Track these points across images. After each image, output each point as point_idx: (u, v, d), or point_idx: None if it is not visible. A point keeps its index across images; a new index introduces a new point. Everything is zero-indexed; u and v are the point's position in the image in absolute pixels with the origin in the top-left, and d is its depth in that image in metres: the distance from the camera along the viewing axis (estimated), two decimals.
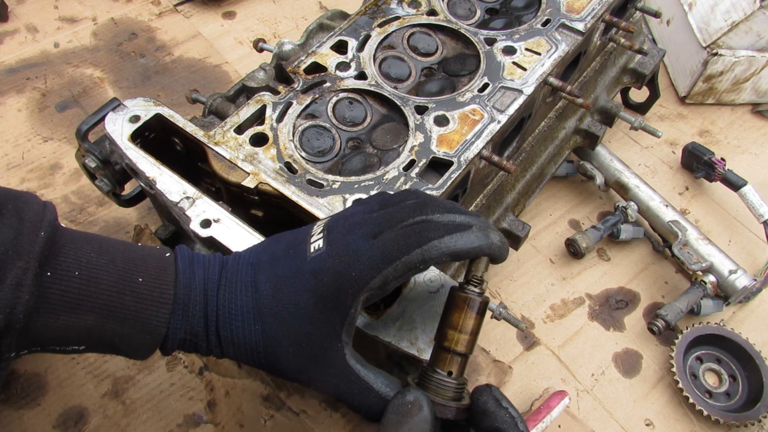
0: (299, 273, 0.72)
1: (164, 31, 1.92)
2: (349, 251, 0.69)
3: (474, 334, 0.70)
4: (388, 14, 1.21)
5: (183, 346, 0.76)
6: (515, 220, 1.30)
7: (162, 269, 0.74)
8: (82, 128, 1.00)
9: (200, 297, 0.75)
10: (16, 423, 1.19)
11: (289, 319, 0.71)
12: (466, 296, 0.70)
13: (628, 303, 1.46)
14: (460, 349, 0.70)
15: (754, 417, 1.25)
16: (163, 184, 0.91)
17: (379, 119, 1.09)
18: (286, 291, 0.72)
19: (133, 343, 0.72)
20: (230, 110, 1.12)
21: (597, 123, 1.46)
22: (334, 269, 0.69)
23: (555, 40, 1.17)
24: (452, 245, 0.67)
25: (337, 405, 1.26)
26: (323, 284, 0.69)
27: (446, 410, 0.69)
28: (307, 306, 0.70)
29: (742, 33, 1.76)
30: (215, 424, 1.22)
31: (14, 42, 1.85)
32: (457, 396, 0.70)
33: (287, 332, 0.71)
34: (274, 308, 0.72)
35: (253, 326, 0.72)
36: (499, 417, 0.67)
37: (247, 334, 0.73)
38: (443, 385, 0.69)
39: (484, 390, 0.70)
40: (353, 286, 0.68)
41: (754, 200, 1.50)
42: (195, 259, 0.77)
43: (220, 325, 0.74)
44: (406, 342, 0.81)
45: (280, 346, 0.71)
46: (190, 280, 0.75)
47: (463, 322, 0.69)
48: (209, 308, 0.74)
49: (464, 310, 0.69)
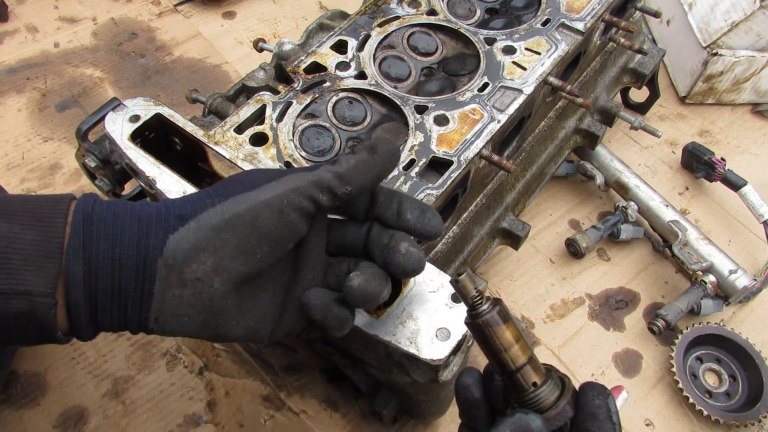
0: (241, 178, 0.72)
1: (164, 31, 1.92)
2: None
3: (518, 338, 0.66)
4: (388, 14, 1.21)
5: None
6: (515, 220, 1.30)
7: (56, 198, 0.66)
8: (82, 128, 1.00)
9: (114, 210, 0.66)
10: (16, 423, 1.19)
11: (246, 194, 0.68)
12: (485, 319, 0.66)
13: (628, 303, 1.46)
14: (521, 361, 0.65)
15: (754, 417, 1.25)
16: (163, 184, 0.91)
17: (379, 119, 1.09)
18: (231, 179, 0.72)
19: (23, 248, 0.60)
20: (230, 110, 1.12)
21: (597, 123, 1.46)
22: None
23: (555, 39, 1.17)
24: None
25: (337, 405, 1.26)
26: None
27: (564, 414, 0.65)
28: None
29: (742, 33, 1.76)
30: (215, 424, 1.22)
31: (14, 42, 1.85)
32: (558, 393, 0.66)
33: (247, 208, 0.66)
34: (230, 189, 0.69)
35: (209, 205, 0.66)
36: (604, 428, 0.63)
37: (204, 213, 0.65)
38: (542, 398, 0.65)
39: (602, 392, 0.65)
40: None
41: (754, 200, 1.50)
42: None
43: (163, 223, 0.64)
44: (405, 341, 0.81)
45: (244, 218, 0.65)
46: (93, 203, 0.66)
47: (503, 341, 0.65)
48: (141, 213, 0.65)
49: (493, 332, 0.65)
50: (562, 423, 0.65)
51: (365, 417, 1.25)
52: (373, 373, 1.12)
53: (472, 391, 0.69)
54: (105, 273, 0.62)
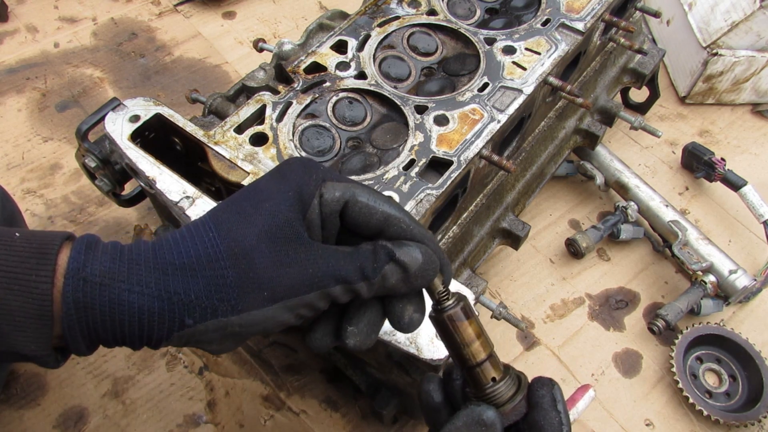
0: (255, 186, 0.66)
1: (164, 31, 1.92)
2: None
3: (480, 335, 0.68)
4: (388, 14, 1.21)
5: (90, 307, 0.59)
6: (515, 220, 1.30)
7: (50, 234, 0.62)
8: (82, 128, 1.00)
9: (111, 244, 0.62)
10: (16, 423, 1.19)
11: (250, 208, 0.63)
12: (448, 314, 0.67)
13: (628, 303, 1.46)
14: (481, 357, 0.67)
15: (754, 417, 1.25)
16: (163, 184, 0.91)
17: (378, 119, 1.09)
18: (240, 195, 0.66)
19: (11, 315, 0.58)
20: (230, 110, 1.12)
21: (597, 123, 1.46)
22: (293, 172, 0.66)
23: (555, 39, 1.17)
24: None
25: (337, 405, 1.26)
26: (285, 178, 0.65)
27: (519, 408, 0.67)
28: (269, 192, 0.64)
29: (742, 33, 1.76)
30: (215, 424, 1.22)
31: (14, 42, 1.85)
32: (515, 389, 0.68)
33: (251, 223, 0.62)
34: (231, 206, 0.64)
35: (202, 229, 0.62)
36: (548, 416, 0.65)
37: (199, 242, 0.61)
38: (499, 393, 0.67)
39: (546, 384, 0.68)
40: (316, 176, 0.65)
41: (754, 200, 1.50)
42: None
43: (156, 248, 0.61)
44: (405, 341, 0.81)
45: (246, 239, 0.61)
46: (91, 238, 0.63)
47: (465, 336, 0.67)
48: (134, 245, 0.62)
49: (456, 327, 0.67)
50: (517, 417, 0.67)
51: (365, 417, 1.25)
52: (373, 373, 1.12)
53: (433, 396, 0.71)
54: (107, 342, 0.62)
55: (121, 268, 0.60)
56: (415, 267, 0.64)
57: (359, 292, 0.63)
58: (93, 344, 0.61)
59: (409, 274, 0.64)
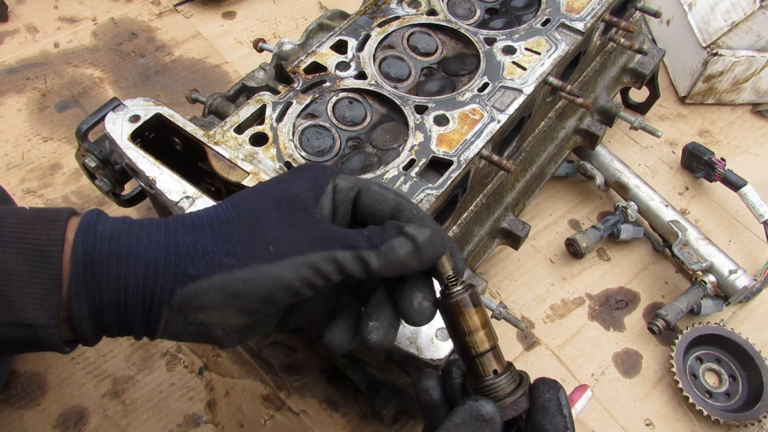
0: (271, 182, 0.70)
1: (164, 31, 1.92)
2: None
3: (485, 325, 0.67)
4: (388, 14, 1.21)
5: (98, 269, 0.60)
6: (515, 220, 1.30)
7: (59, 208, 0.64)
8: (82, 128, 1.00)
9: (122, 217, 0.65)
10: (16, 423, 1.19)
11: (265, 187, 0.68)
12: (455, 300, 0.67)
13: (628, 303, 1.46)
14: (485, 347, 0.67)
15: (754, 417, 1.25)
16: (163, 184, 0.91)
17: (378, 119, 1.09)
18: (262, 183, 0.70)
19: (21, 281, 0.58)
20: (230, 110, 1.12)
21: (597, 123, 1.46)
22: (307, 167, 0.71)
23: (555, 39, 1.17)
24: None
25: (337, 405, 1.26)
26: (299, 170, 0.71)
27: (519, 404, 0.66)
28: (284, 177, 0.69)
29: (742, 33, 1.76)
30: (215, 424, 1.22)
31: (14, 42, 1.85)
32: (515, 385, 0.67)
33: (264, 195, 0.66)
34: (248, 189, 0.68)
35: (220, 207, 0.65)
36: (553, 420, 0.65)
37: (213, 211, 0.64)
38: (499, 386, 0.66)
39: (552, 386, 0.67)
40: (330, 171, 0.70)
41: (754, 200, 1.50)
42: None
43: (169, 219, 0.64)
44: (405, 341, 0.81)
45: (257, 204, 0.65)
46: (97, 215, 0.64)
47: (470, 324, 0.67)
48: (146, 219, 0.64)
49: (462, 313, 0.66)
50: (516, 413, 0.66)
51: (365, 417, 1.25)
52: (373, 373, 1.12)
53: (432, 393, 0.70)
54: (110, 311, 0.61)
55: (132, 227, 0.62)
56: (423, 238, 0.64)
57: (368, 262, 0.63)
58: (95, 318, 0.61)
59: (419, 246, 0.64)
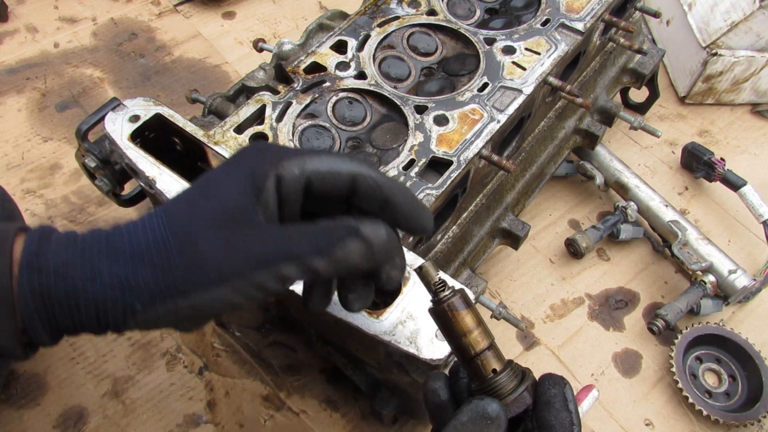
0: (208, 176, 0.66)
1: (164, 31, 1.92)
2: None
3: (479, 324, 0.68)
4: (388, 14, 1.21)
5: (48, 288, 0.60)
6: (515, 220, 1.30)
7: (3, 226, 0.63)
8: (82, 128, 1.00)
9: (66, 233, 0.63)
10: (16, 423, 1.19)
11: (200, 197, 0.63)
12: (446, 304, 0.67)
13: (627, 303, 1.46)
14: (481, 347, 0.67)
15: (753, 417, 1.25)
16: (163, 184, 0.91)
17: (378, 119, 1.09)
18: (193, 185, 0.66)
19: None
20: (230, 110, 1.12)
21: (597, 123, 1.46)
22: (249, 153, 0.66)
23: (554, 39, 1.17)
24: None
25: (337, 405, 1.26)
26: (237, 164, 0.65)
27: (522, 400, 0.66)
28: (220, 180, 0.64)
29: (741, 33, 1.76)
30: (215, 424, 1.22)
31: (14, 42, 1.85)
32: (517, 382, 0.67)
33: (199, 211, 0.62)
34: (182, 196, 0.64)
35: (154, 220, 0.63)
36: (559, 416, 0.65)
37: (150, 231, 0.62)
38: (501, 384, 0.66)
39: (558, 382, 0.67)
40: (270, 158, 0.64)
41: (753, 200, 1.50)
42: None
43: (109, 237, 0.62)
44: (405, 341, 0.81)
45: (193, 226, 0.61)
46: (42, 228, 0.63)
47: (463, 326, 0.67)
48: (88, 234, 0.63)
49: (454, 316, 0.67)
50: (520, 410, 0.66)
51: (365, 417, 1.25)
52: (373, 373, 1.12)
53: (440, 393, 0.70)
54: (67, 329, 0.62)
55: (74, 255, 0.61)
56: (378, 241, 0.63)
57: (316, 269, 0.61)
58: (55, 333, 0.62)
59: (373, 249, 0.63)
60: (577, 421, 0.65)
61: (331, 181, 0.65)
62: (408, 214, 0.67)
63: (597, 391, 1.15)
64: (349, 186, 0.65)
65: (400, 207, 0.66)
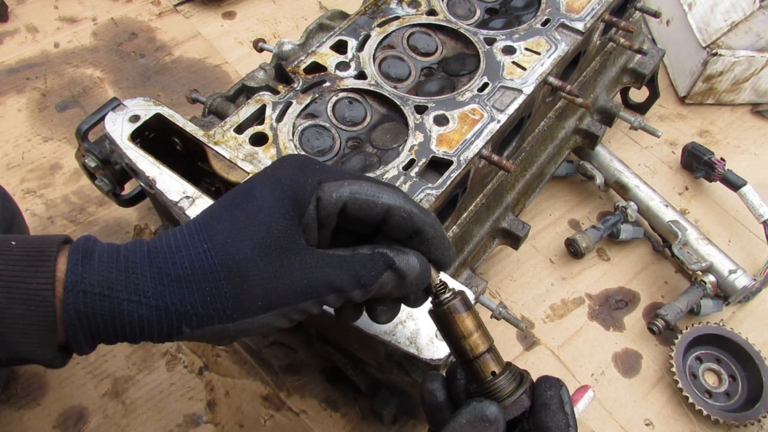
0: (247, 189, 0.66)
1: (164, 31, 1.92)
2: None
3: (479, 327, 0.68)
4: (388, 14, 1.21)
5: (94, 314, 0.60)
6: (515, 220, 1.30)
7: (46, 239, 0.63)
8: (82, 128, 1.00)
9: (108, 248, 0.63)
10: (16, 423, 1.19)
11: (245, 218, 0.63)
12: (446, 306, 0.68)
13: (627, 303, 1.46)
14: (481, 349, 0.67)
15: (753, 417, 1.25)
16: (163, 184, 0.91)
17: (378, 119, 1.09)
18: (234, 200, 0.65)
19: (15, 323, 0.59)
20: (230, 110, 1.12)
21: (597, 123, 1.46)
22: (289, 172, 0.66)
23: (555, 39, 1.17)
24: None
25: (337, 405, 1.26)
26: (280, 182, 0.65)
27: (521, 403, 0.66)
28: (264, 200, 0.63)
29: (741, 33, 1.76)
30: (215, 424, 1.22)
31: (14, 42, 1.85)
32: (516, 384, 0.67)
33: (245, 235, 0.62)
34: (224, 215, 0.64)
35: (196, 239, 0.62)
36: (555, 418, 0.65)
37: (194, 254, 0.61)
38: (499, 387, 0.66)
39: (554, 384, 0.67)
40: (312, 178, 0.65)
41: (753, 200, 1.50)
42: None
43: (152, 255, 0.62)
44: (405, 341, 0.81)
45: (240, 253, 0.61)
46: (88, 241, 0.63)
47: (464, 329, 0.67)
48: (130, 250, 0.63)
49: (454, 319, 0.67)
50: (519, 412, 0.66)
51: (365, 417, 1.25)
52: (373, 373, 1.12)
53: (437, 395, 0.70)
54: (110, 341, 0.64)
55: (119, 277, 0.61)
56: (412, 276, 0.66)
57: (353, 298, 0.65)
58: (95, 344, 0.64)
59: (405, 282, 0.66)
60: (573, 422, 0.66)
61: (366, 209, 0.65)
62: (434, 249, 0.68)
63: (593, 391, 1.15)
64: (382, 216, 0.66)
65: (428, 241, 0.68)
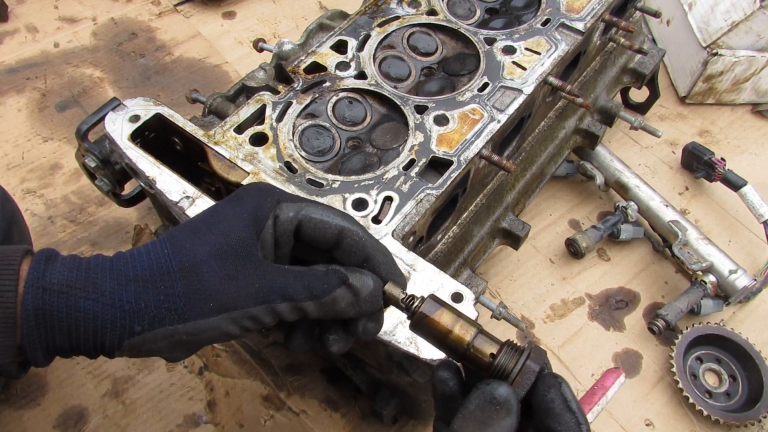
0: (212, 211, 0.69)
1: (164, 31, 1.92)
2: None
3: (458, 318, 0.68)
4: (388, 14, 1.21)
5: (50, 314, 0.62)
6: (515, 220, 1.30)
7: (11, 247, 0.65)
8: (82, 128, 1.00)
9: (71, 256, 0.65)
10: (16, 423, 1.19)
11: (206, 228, 0.66)
12: (419, 313, 0.68)
13: (628, 303, 1.46)
14: (469, 337, 0.66)
15: (754, 417, 1.25)
16: (163, 184, 0.91)
17: (378, 119, 1.09)
18: (198, 216, 0.69)
19: None
20: (230, 110, 1.12)
21: (597, 123, 1.46)
22: (251, 191, 0.70)
23: (555, 39, 1.17)
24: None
25: (337, 405, 1.26)
26: (241, 200, 0.69)
27: (528, 371, 0.64)
28: (225, 214, 0.67)
29: (742, 33, 1.76)
30: (215, 424, 1.22)
31: (14, 42, 1.85)
32: (518, 357, 0.65)
33: (204, 241, 0.65)
34: (187, 226, 0.67)
35: (158, 246, 0.65)
36: (563, 420, 0.61)
37: (154, 257, 0.64)
38: (503, 364, 0.65)
39: (553, 384, 0.63)
40: (271, 198, 0.68)
41: (754, 200, 1.50)
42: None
43: (114, 261, 0.65)
44: (405, 341, 0.81)
45: (197, 256, 0.64)
46: (49, 252, 0.66)
47: (444, 325, 0.67)
48: (93, 258, 0.65)
49: (430, 321, 0.67)
50: (529, 382, 0.64)
51: (365, 417, 1.25)
52: (373, 373, 1.12)
53: (450, 384, 0.69)
54: (63, 350, 0.64)
55: (79, 277, 0.63)
56: (366, 292, 0.67)
57: (306, 311, 0.66)
58: (50, 353, 0.64)
59: (359, 299, 0.67)
60: (584, 419, 0.62)
61: (320, 229, 0.68)
62: (385, 274, 0.70)
63: (624, 377, 1.07)
64: (335, 238, 0.69)
65: (379, 266, 0.70)
